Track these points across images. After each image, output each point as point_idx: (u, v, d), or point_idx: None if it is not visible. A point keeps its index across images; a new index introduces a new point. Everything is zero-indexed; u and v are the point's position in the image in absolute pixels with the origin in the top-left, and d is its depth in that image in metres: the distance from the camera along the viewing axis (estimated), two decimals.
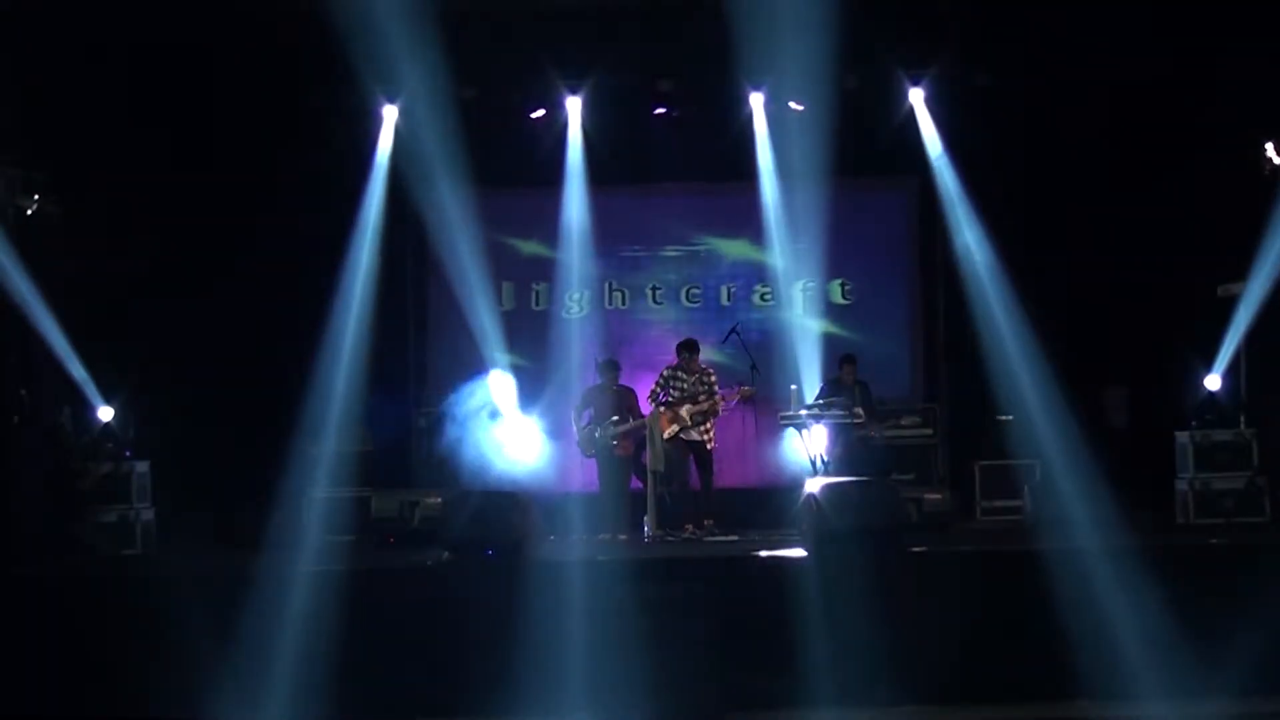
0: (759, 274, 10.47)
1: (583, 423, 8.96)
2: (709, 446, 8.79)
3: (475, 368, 9.31)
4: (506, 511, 7.42)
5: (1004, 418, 9.03)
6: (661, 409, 8.76)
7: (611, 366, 9.03)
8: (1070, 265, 9.14)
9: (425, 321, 10.39)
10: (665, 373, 8.91)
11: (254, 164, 8.80)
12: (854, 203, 10.50)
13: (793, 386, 8.80)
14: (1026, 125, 9.20)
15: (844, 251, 10.23)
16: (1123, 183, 9.00)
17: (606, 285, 10.56)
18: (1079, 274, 9.13)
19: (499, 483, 8.66)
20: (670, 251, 10.71)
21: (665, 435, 8.64)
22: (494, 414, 9.02)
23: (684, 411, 8.68)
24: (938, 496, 8.78)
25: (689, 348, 8.87)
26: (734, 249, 10.63)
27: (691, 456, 8.76)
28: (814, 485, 7.58)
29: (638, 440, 8.91)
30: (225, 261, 8.75)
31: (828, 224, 9.73)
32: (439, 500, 8.37)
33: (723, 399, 8.77)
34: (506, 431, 9.04)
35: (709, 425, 8.76)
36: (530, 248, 10.44)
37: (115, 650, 6.64)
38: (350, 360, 8.96)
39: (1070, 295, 9.14)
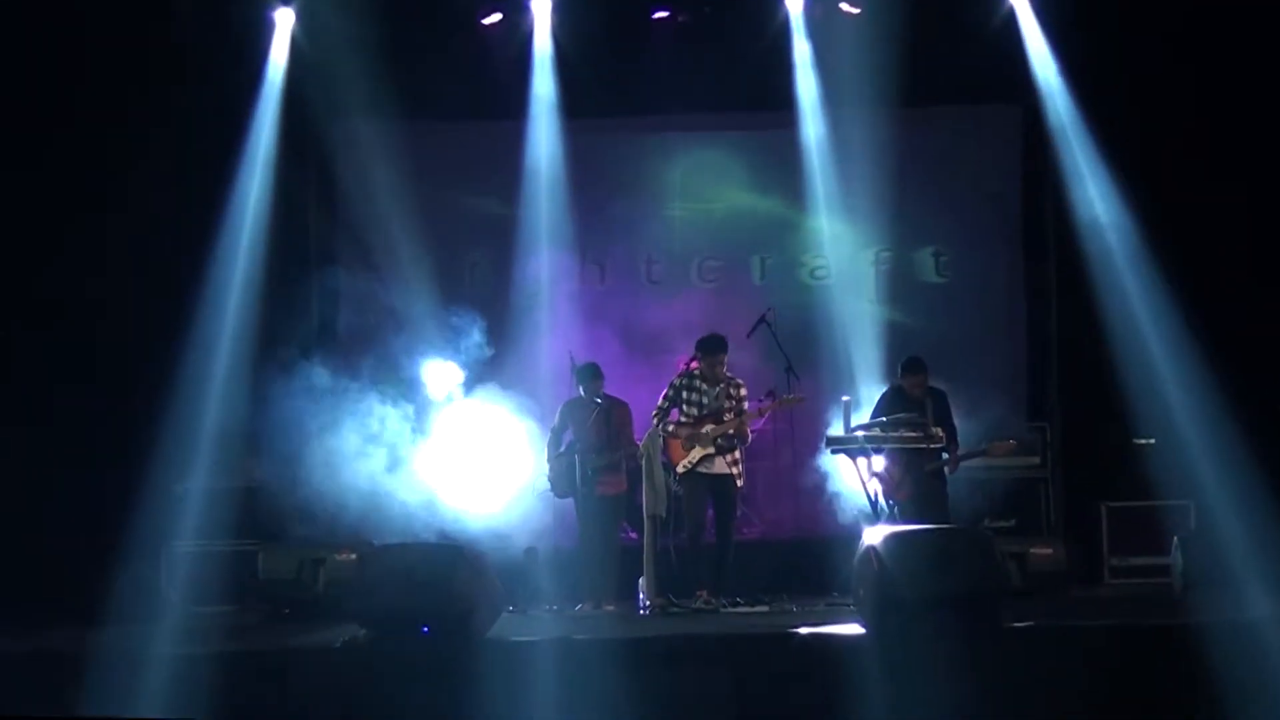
0: (800, 240, 10.67)
1: (558, 450, 8.99)
2: (738, 484, 8.80)
3: (404, 370, 9.42)
4: (448, 572, 7.34)
5: (1143, 442, 9.24)
6: (671, 431, 8.77)
7: (591, 373, 9.03)
8: (1239, 237, 9.19)
9: (335, 306, 10.52)
10: (677, 382, 8.91)
11: (85, 100, 9.02)
12: (926, 143, 10.61)
13: (844, 398, 8.77)
14: (1185, 37, 9.18)
15: (910, 213, 10.41)
16: None
17: (586, 256, 10.73)
18: (1252, 248, 9.20)
19: (438, 532, 8.81)
20: (676, 210, 10.94)
21: (679, 467, 8.69)
22: (431, 434, 9.19)
23: (705, 434, 8.66)
24: (1048, 551, 8.78)
25: (712, 347, 8.79)
26: (765, 206, 10.89)
27: (711, 497, 8.74)
28: (874, 535, 7.49)
29: (631, 474, 9.04)
30: (54, 238, 8.93)
31: (889, 173, 9.94)
32: (353, 556, 8.42)
33: (759, 413, 8.90)
34: (449, 459, 9.17)
35: (738, 454, 8.77)
36: (481, 203, 10.62)
37: None
38: (230, 364, 9.12)
39: (1238, 276, 9.19)
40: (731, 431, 8.71)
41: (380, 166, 9.73)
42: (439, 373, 9.37)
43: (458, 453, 9.26)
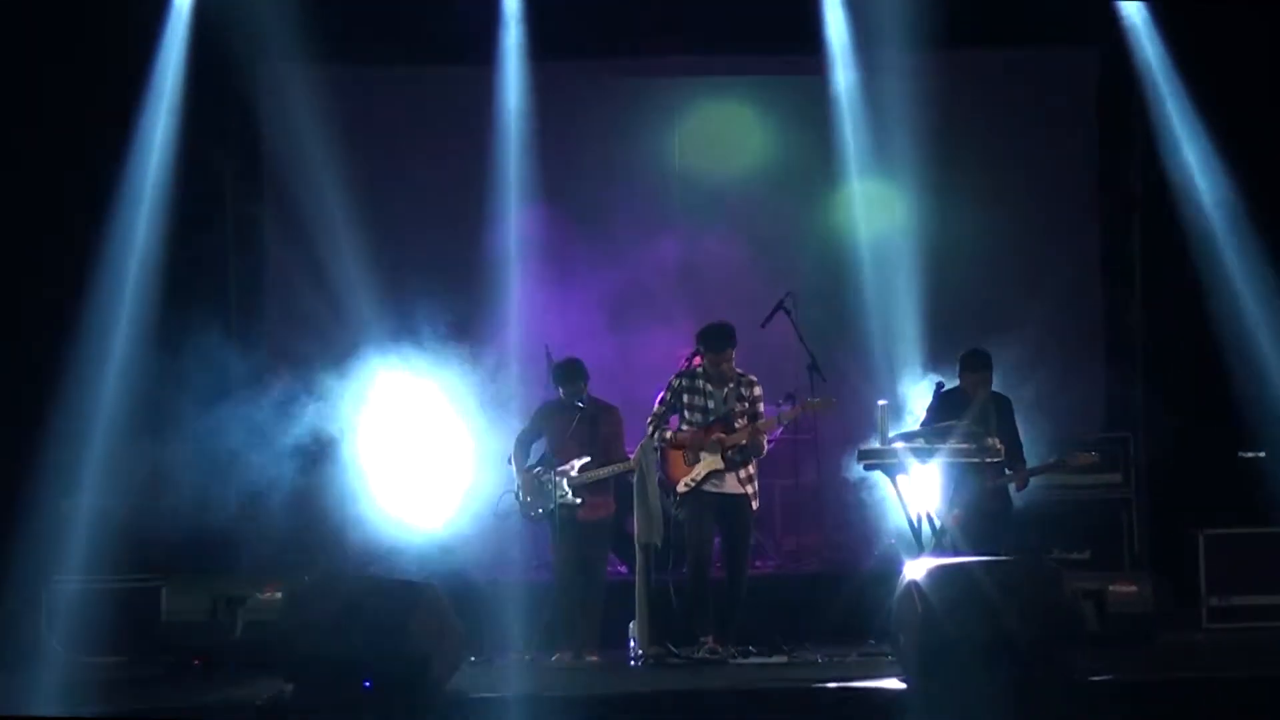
0: (828, 210, 10.64)
1: (530, 463, 8.98)
2: (753, 507, 8.73)
3: (342, 363, 9.42)
4: (398, 612, 7.34)
5: (1250, 456, 9.30)
6: (669, 441, 8.71)
7: (572, 371, 8.97)
8: None
9: (258, 286, 10.51)
10: (676, 382, 8.81)
11: None
12: (980, 93, 10.61)
13: (880, 402, 8.74)
14: None
15: (961, 177, 10.41)
16: None
17: (566, 230, 10.71)
18: None
19: (385, 563, 8.91)
20: (676, 174, 11.04)
21: (680, 486, 8.64)
22: (376, 442, 9.23)
23: (711, 445, 8.63)
24: (1132, 589, 8.70)
25: (717, 340, 8.70)
26: (785, 168, 10.87)
27: (718, 524, 8.69)
28: (918, 569, 7.49)
29: (620, 494, 8.99)
30: None
31: (935, 129, 9.92)
32: (279, 594, 8.38)
33: (777, 422, 8.82)
34: (398, 474, 9.22)
35: (751, 468, 8.72)
36: (437, 166, 10.61)
37: None
38: (129, 351, 9.11)
39: None
40: (744, 442, 8.62)
41: (314, 119, 9.77)
42: (385, 366, 9.42)
43: (408, 466, 9.36)
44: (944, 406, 8.80)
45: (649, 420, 8.76)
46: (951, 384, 8.99)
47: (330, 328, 9.82)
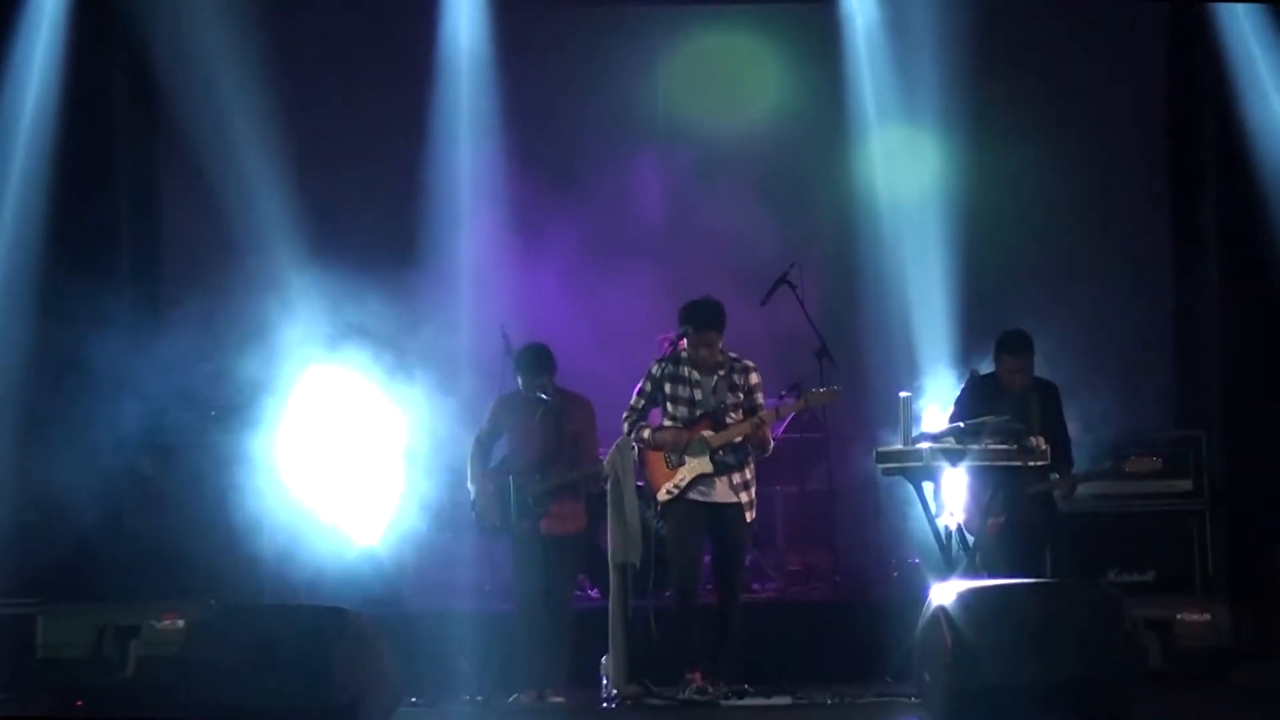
0: (840, 164, 10.64)
1: (487, 466, 8.98)
2: (748, 518, 8.64)
3: (256, 340, 9.45)
4: (324, 645, 7.34)
5: None
6: (649, 440, 8.63)
7: (536, 360, 8.91)
8: None
9: (155, 253, 10.50)
10: (657, 370, 8.71)
11: None
12: (1022, 32, 10.55)
13: (902, 394, 8.62)
14: None
15: (1000, 131, 10.56)
16: None
17: (530, 187, 10.72)
18: None
19: (309, 588, 8.92)
20: (662, 120, 11.04)
21: (661, 493, 8.57)
22: (293, 442, 9.25)
23: (699, 444, 8.57)
24: (1204, 617, 8.68)
25: (704, 318, 8.61)
26: (789, 115, 10.86)
27: (709, 536, 8.62)
28: (946, 593, 7.45)
29: (592, 504, 8.96)
30: None
31: (969, 73, 10.06)
32: (180, 622, 8.40)
33: (776, 415, 8.69)
34: (322, 479, 9.22)
35: (747, 472, 8.63)
36: (372, 110, 10.64)
37: None
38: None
39: None
40: (738, 440, 8.51)
41: (223, 51, 9.80)
42: (306, 348, 9.45)
43: (335, 469, 9.41)
44: (977, 398, 8.76)
45: (625, 415, 8.69)
46: (987, 370, 8.95)
47: (239, 297, 9.84)
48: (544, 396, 8.86)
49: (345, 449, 9.52)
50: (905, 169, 10.65)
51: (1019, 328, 8.90)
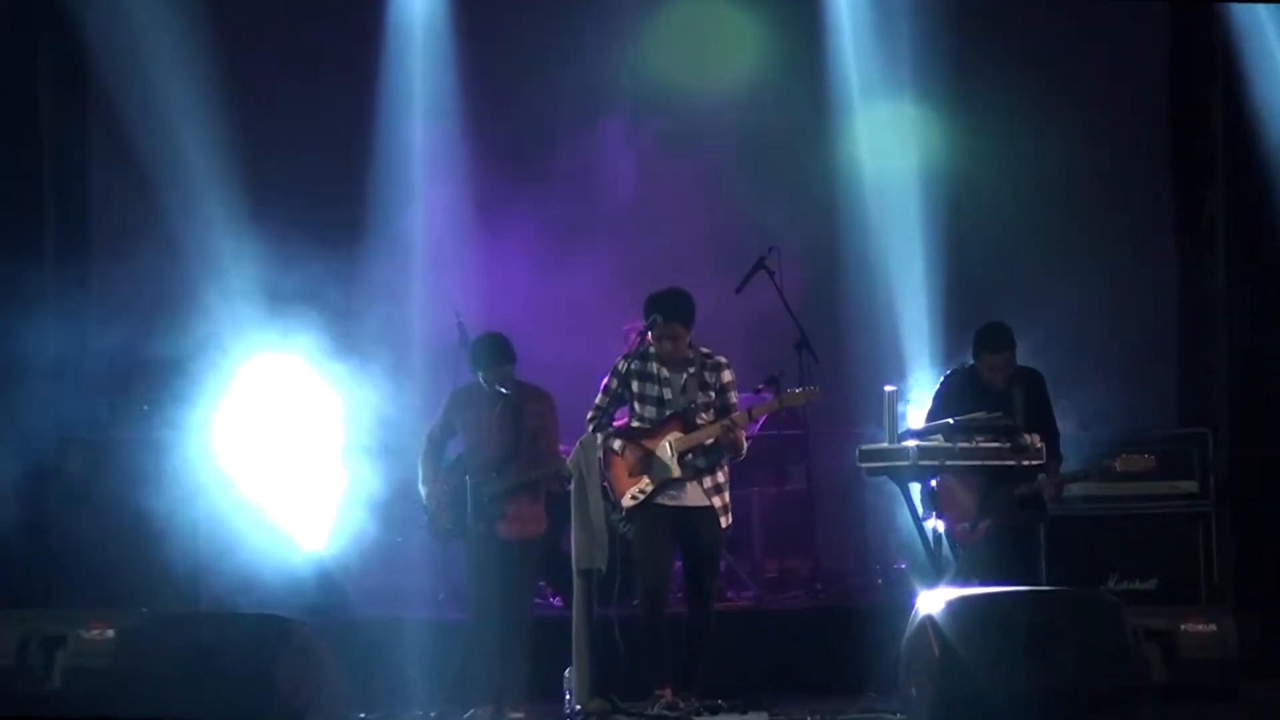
0: (823, 142, 10.63)
1: (440, 465, 8.99)
2: (722, 523, 8.64)
3: (193, 332, 9.46)
4: (265, 656, 7.39)
5: None
6: (614, 445, 8.66)
7: (494, 351, 8.92)
8: None
9: (82, 232, 10.49)
10: (623, 365, 8.71)
11: None
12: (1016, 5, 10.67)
13: (887, 389, 8.64)
14: None
15: (994, 110, 10.62)
16: None
17: (488, 163, 10.77)
18: None
19: (249, 594, 8.95)
20: (629, 95, 11.08)
21: (627, 497, 8.59)
22: (230, 437, 9.25)
23: (667, 445, 8.56)
24: (1209, 628, 8.60)
25: (671, 309, 8.60)
26: (769, 89, 10.88)
27: (678, 544, 8.64)
28: (933, 602, 7.50)
29: (554, 506, 8.97)
30: None
31: (961, 46, 10.19)
32: (109, 632, 8.31)
33: (749, 417, 8.65)
34: (262, 478, 9.22)
35: (720, 474, 8.64)
36: (317, 80, 10.64)
37: None
38: None
39: None
40: (710, 441, 8.50)
41: (156, 21, 9.83)
42: (245, 336, 9.44)
43: (276, 467, 9.40)
44: (956, 393, 8.77)
45: (590, 415, 8.65)
46: (958, 364, 9.01)
47: (172, 279, 9.79)
48: (503, 390, 8.82)
49: (288, 443, 9.54)
50: (891, 147, 10.68)
51: (998, 321, 8.87)
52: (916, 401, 9.44)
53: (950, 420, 8.55)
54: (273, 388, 9.54)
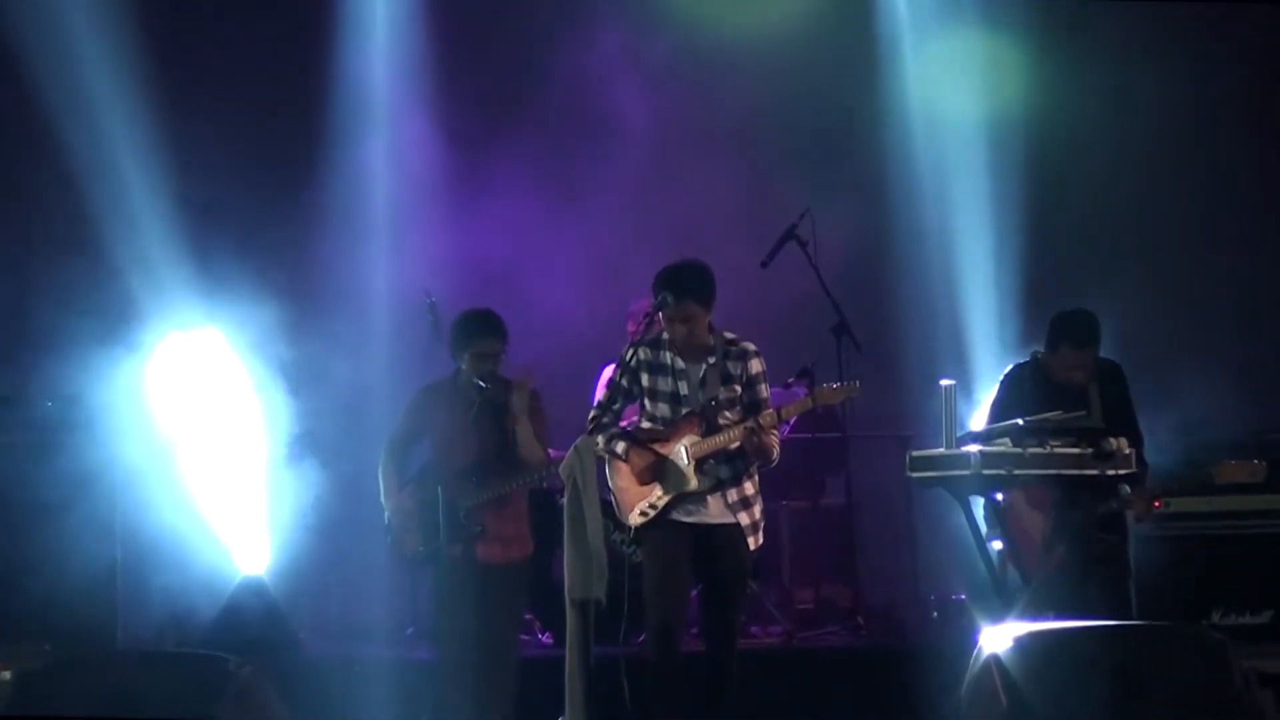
0: (870, 96, 10.86)
1: (406, 475, 9.02)
2: (750, 544, 8.53)
3: (100, 305, 9.63)
4: (194, 703, 7.33)
5: None
6: (619, 447, 8.59)
7: (484, 327, 8.90)
8: None
9: None
10: (630, 354, 8.58)
11: None
12: None
13: (943, 383, 8.57)
14: None
15: (1096, 44, 10.80)
16: None
17: (466, 117, 10.98)
18: None
19: (177, 628, 9.21)
20: (643, 38, 11.25)
21: (634, 514, 8.54)
22: (156, 446, 9.32)
23: (683, 450, 8.48)
24: None
25: (684, 285, 8.47)
26: (799, 21, 10.96)
27: (695, 570, 8.51)
28: (1000, 638, 7.43)
29: (541, 524, 9.00)
30: None
31: None
32: (4, 675, 8.38)
33: (778, 417, 8.48)
34: (195, 492, 9.33)
35: (748, 485, 8.53)
36: (256, 40, 11.08)
37: None
38: None
39: None
40: (731, 447, 8.37)
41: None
42: (178, 329, 9.56)
43: (210, 473, 9.51)
44: (1018, 397, 8.77)
45: (592, 414, 8.57)
46: (1024, 358, 8.99)
47: (99, 273, 9.92)
48: (482, 384, 8.77)
49: (220, 446, 9.59)
50: (949, 93, 10.77)
51: (1082, 309, 8.82)
52: (982, 400, 9.40)
53: (1019, 421, 8.52)
54: (203, 379, 9.59)
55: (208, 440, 9.59)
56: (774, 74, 11.15)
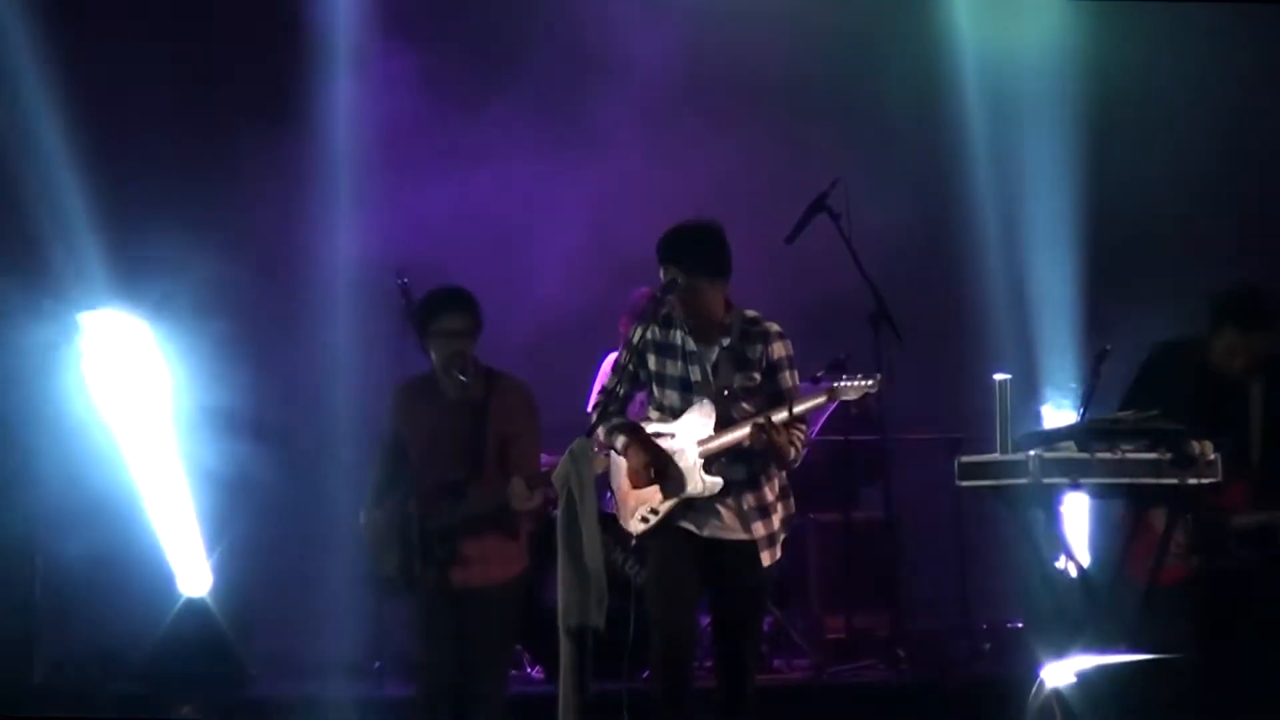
0: (904, 25, 10.93)
1: (384, 493, 8.94)
2: (764, 560, 8.34)
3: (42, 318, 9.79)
4: None
5: None
6: (619, 440, 8.41)
7: (450, 304, 8.82)
8: None
9: None
10: (636, 336, 8.40)
11: None
12: None
13: (997, 377, 8.44)
14: None
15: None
16: None
17: (442, 61, 11.16)
18: None
19: (111, 662, 9.45)
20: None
21: (634, 521, 8.42)
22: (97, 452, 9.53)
23: (690, 448, 8.32)
24: None
25: (696, 256, 8.27)
26: None
27: (708, 588, 8.35)
28: (1063, 674, 7.53)
29: (534, 540, 8.91)
30: None
31: None
32: None
33: (791, 415, 8.47)
34: (130, 499, 9.46)
35: (767, 490, 8.35)
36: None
37: None
38: None
39: None
40: (746, 445, 8.18)
41: None
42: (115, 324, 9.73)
43: (144, 480, 9.61)
44: (1166, 381, 8.69)
45: (595, 402, 8.38)
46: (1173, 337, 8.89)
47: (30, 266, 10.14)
48: (463, 378, 8.62)
49: (155, 449, 9.64)
50: (1007, 36, 10.89)
51: (1253, 284, 8.74)
52: (1053, 399, 9.48)
53: (1086, 419, 8.57)
54: (136, 372, 9.65)
55: (135, 439, 9.60)
56: (798, 11, 11.23)
